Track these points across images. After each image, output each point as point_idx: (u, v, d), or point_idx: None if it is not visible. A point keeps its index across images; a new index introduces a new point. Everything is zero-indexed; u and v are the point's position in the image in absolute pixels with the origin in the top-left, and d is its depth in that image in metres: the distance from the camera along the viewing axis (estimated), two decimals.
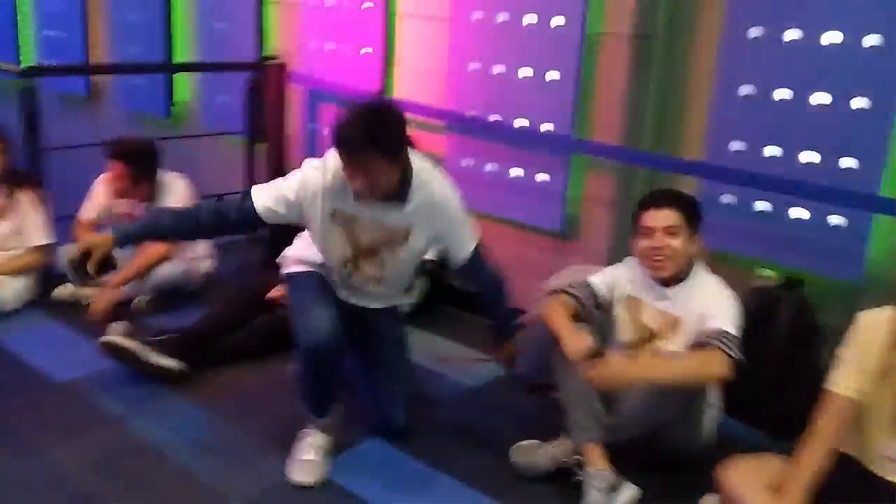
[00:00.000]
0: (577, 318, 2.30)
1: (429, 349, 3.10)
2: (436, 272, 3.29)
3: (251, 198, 2.25)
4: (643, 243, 2.29)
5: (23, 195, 3.35)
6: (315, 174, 2.21)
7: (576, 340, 2.16)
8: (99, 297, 3.21)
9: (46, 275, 3.44)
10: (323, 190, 2.20)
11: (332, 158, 2.16)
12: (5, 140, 3.35)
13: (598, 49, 3.05)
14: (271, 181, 2.30)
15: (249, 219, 2.25)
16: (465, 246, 2.32)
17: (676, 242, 2.25)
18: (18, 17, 5.60)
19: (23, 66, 5.14)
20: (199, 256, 3.54)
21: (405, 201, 2.19)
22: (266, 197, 2.23)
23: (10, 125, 3.38)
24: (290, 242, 2.52)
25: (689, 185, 2.83)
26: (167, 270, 3.37)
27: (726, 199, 2.84)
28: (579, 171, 3.21)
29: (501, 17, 3.25)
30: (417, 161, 2.22)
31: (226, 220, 2.27)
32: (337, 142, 2.05)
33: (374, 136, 2.02)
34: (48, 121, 3.55)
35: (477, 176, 3.45)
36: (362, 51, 3.81)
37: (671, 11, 2.88)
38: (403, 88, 3.68)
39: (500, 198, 3.39)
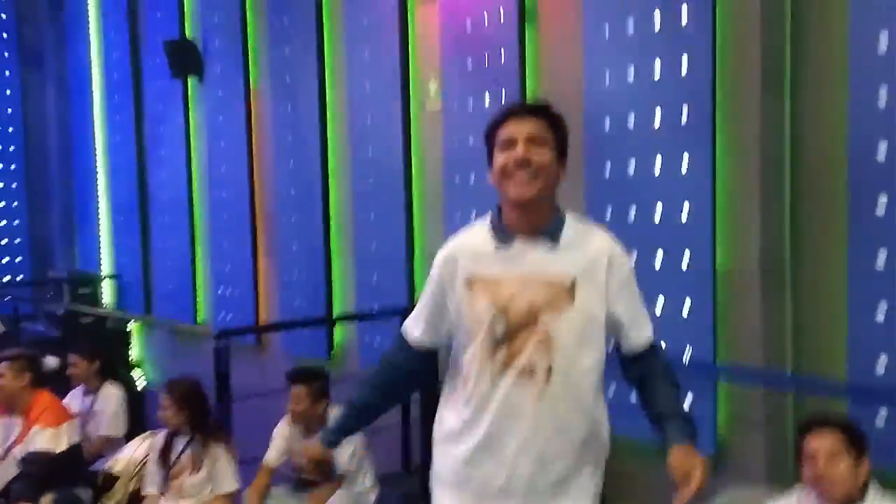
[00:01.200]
0: None
1: None
2: None
3: (403, 330, 2.07)
4: (807, 471, 2.35)
5: (214, 445, 3.75)
6: (446, 251, 1.98)
7: None
8: None
9: None
10: (458, 254, 1.94)
11: (465, 230, 2.01)
12: (197, 392, 3.81)
13: (728, 280, 3.29)
14: None
15: (413, 354, 2.03)
16: (643, 325, 1.93)
17: (838, 469, 2.30)
18: (196, 277, 6.38)
19: (202, 324, 5.83)
20: (364, 490, 3.79)
21: (558, 239, 1.87)
22: (413, 321, 2.03)
23: (198, 376, 3.85)
24: None
25: (841, 404, 2.92)
26: None
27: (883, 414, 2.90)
28: (725, 394, 3.34)
29: (633, 256, 3.57)
30: (570, 215, 1.96)
31: (399, 368, 2.07)
32: (498, 116, 1.90)
33: (545, 106, 1.92)
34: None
35: (619, 404, 3.62)
36: None
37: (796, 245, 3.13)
38: None
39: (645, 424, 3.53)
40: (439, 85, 4.44)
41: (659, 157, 3.45)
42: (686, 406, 2.22)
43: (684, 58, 3.32)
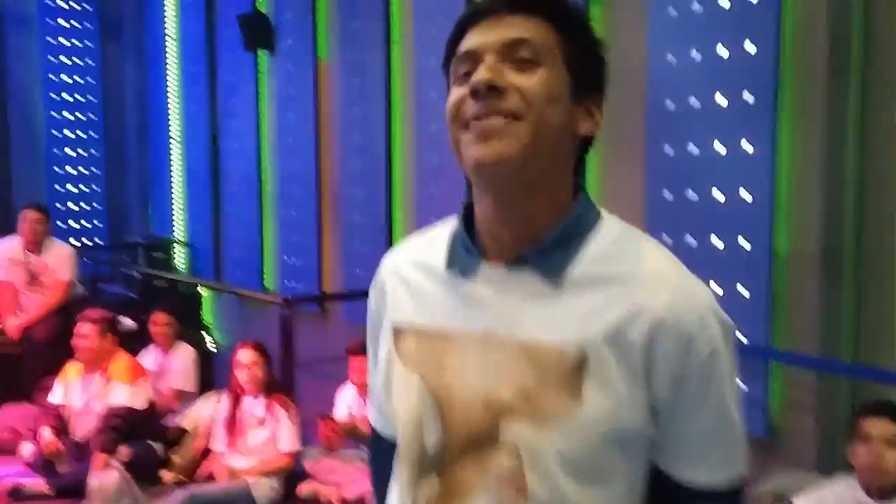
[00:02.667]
0: None
1: None
2: None
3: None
4: (860, 456, 2.37)
5: (278, 406, 3.93)
6: (380, 268, 1.14)
7: None
8: None
9: (290, 477, 3.93)
10: (390, 276, 1.11)
11: (428, 229, 1.13)
12: (266, 356, 3.99)
13: (787, 265, 3.29)
14: None
15: (386, 447, 1.15)
16: (716, 462, 1.00)
17: (893, 456, 2.32)
18: (264, 245, 6.59)
19: (268, 289, 6.02)
20: None
21: (563, 268, 0.98)
22: (370, 394, 1.22)
23: (265, 340, 4.04)
24: None
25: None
26: None
27: None
28: (779, 377, 3.35)
29: (690, 239, 3.58)
30: (608, 219, 1.04)
31: (382, 472, 1.17)
32: (459, 20, 1.03)
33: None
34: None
35: None
36: None
37: (859, 226, 3.11)
38: None
39: None
40: None
41: (721, 139, 3.44)
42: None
43: (750, 38, 3.30)
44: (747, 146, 3.34)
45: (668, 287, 0.96)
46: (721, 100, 3.43)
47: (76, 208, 7.94)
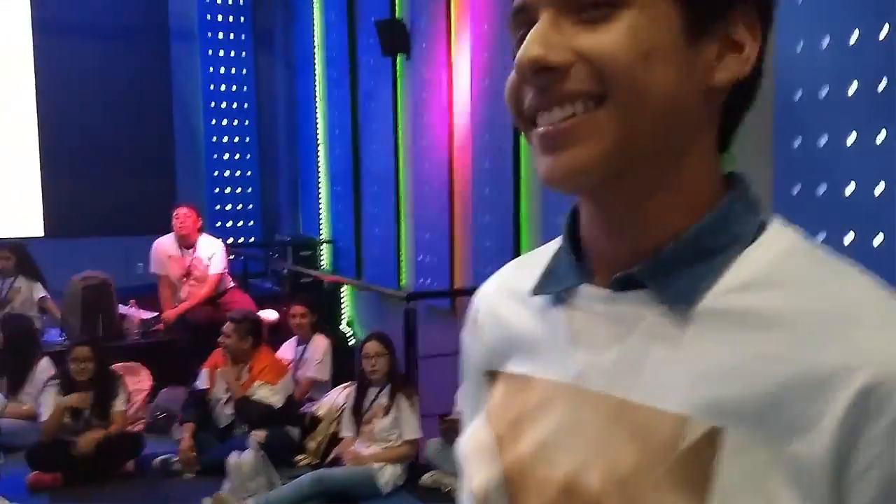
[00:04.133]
0: None
1: None
2: None
3: None
4: None
5: (402, 396, 4.08)
6: (467, 329, 0.85)
7: None
8: None
9: (413, 464, 4.07)
10: (487, 308, 0.82)
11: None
12: (390, 348, 4.15)
13: None
14: None
15: None
16: None
17: None
18: (400, 244, 6.81)
19: (403, 288, 6.23)
20: None
21: (695, 294, 0.62)
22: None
23: (392, 335, 4.20)
24: None
25: None
26: None
27: None
28: None
29: (821, 235, 3.42)
30: (778, 228, 0.65)
31: None
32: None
33: None
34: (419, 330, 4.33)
35: None
36: None
37: None
38: None
39: None
40: None
41: (853, 129, 3.27)
42: None
43: (888, 21, 3.12)
44: (881, 136, 3.15)
45: (885, 334, 0.57)
46: (853, 88, 3.26)
47: (232, 209, 8.50)
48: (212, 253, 5.84)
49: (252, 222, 8.62)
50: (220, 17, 8.33)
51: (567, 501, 0.65)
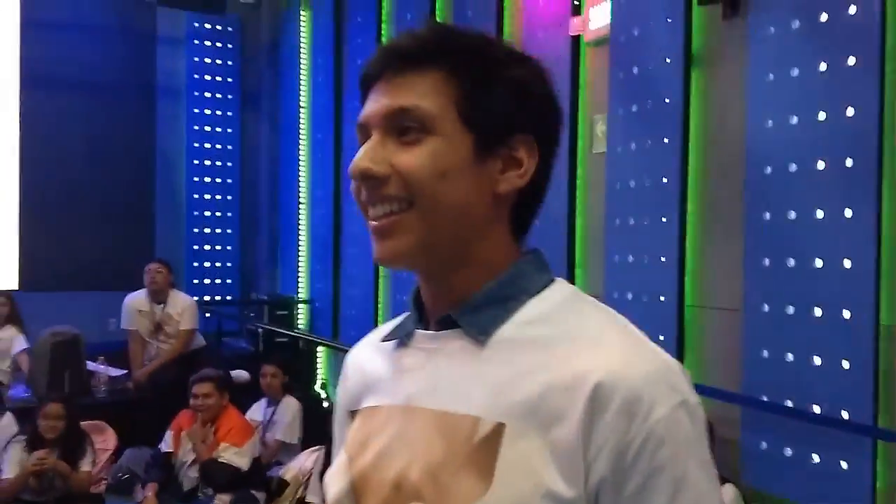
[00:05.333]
0: None
1: None
2: None
3: None
4: None
5: None
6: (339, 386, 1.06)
7: None
8: None
9: None
10: (354, 359, 1.02)
11: None
12: None
13: (892, 338, 3.08)
14: None
15: None
16: None
17: None
18: (377, 305, 6.77)
19: None
20: None
21: (489, 328, 0.85)
22: None
23: None
24: None
25: None
26: None
27: None
28: (885, 457, 3.12)
29: (790, 309, 3.43)
30: (560, 285, 0.90)
31: None
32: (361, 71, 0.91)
33: (430, 33, 0.88)
34: None
35: (776, 458, 3.47)
36: None
37: None
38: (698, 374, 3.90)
39: (802, 483, 3.36)
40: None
41: (822, 205, 3.31)
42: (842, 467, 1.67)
43: (850, 102, 3.19)
44: (848, 212, 3.19)
45: (612, 349, 0.80)
46: (821, 164, 3.31)
47: (211, 266, 8.45)
48: (183, 309, 5.79)
49: (230, 280, 8.57)
50: (207, 77, 8.42)
51: (397, 495, 0.83)
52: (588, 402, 0.76)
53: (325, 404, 6.94)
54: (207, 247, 8.44)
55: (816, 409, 3.29)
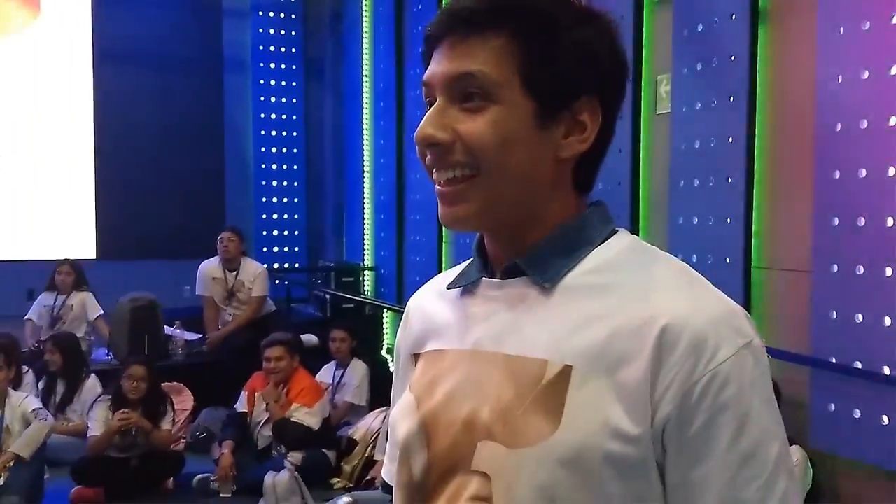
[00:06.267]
0: None
1: None
2: None
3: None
4: None
5: None
6: (399, 330, 1.08)
7: None
8: None
9: None
10: (414, 307, 1.04)
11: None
12: None
13: None
14: None
15: None
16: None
17: None
18: (441, 271, 6.84)
19: None
20: None
21: (555, 276, 0.87)
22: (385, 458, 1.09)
23: None
24: None
25: None
26: None
27: None
28: None
29: (860, 269, 3.36)
30: (623, 235, 0.92)
31: None
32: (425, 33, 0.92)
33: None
34: None
35: (844, 420, 3.43)
36: None
37: None
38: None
39: (872, 445, 3.32)
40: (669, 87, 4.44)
41: (893, 162, 3.23)
42: None
43: None
44: None
45: (677, 294, 0.83)
46: (893, 120, 3.22)
47: (279, 234, 8.64)
48: (254, 276, 5.95)
49: (297, 248, 8.75)
50: (272, 48, 8.54)
51: (468, 434, 0.86)
52: (655, 344, 0.80)
53: (391, 368, 7.08)
54: (275, 215, 8.62)
55: (886, 371, 3.24)
